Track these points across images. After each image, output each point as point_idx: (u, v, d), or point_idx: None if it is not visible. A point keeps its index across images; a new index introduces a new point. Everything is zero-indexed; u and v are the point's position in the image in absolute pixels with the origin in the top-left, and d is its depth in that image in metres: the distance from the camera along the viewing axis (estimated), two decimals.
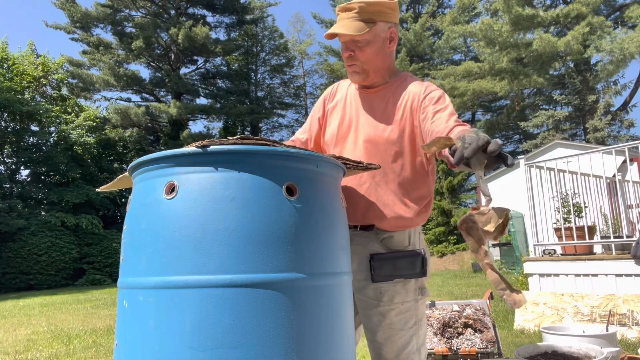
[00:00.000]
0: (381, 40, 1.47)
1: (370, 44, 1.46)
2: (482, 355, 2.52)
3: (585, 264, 4.59)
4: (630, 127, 18.95)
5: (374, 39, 1.45)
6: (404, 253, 1.45)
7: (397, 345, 1.45)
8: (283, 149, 1.02)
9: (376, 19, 1.44)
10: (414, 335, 1.47)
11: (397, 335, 1.45)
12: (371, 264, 1.43)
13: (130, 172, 1.13)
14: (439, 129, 1.33)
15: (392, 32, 1.49)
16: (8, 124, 17.72)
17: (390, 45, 1.50)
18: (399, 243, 1.47)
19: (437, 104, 1.41)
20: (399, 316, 1.45)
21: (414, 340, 1.47)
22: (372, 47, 1.46)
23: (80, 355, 4.38)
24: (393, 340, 1.45)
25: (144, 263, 0.98)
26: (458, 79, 20.29)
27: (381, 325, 1.45)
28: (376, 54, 1.47)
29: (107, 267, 16.92)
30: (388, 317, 1.44)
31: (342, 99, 1.61)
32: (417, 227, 1.53)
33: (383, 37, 1.47)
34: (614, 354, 2.16)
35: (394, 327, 1.45)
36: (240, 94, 27.02)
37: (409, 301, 1.46)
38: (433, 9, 26.41)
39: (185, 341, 0.91)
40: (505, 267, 12.89)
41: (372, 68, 1.49)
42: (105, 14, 23.08)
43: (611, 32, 16.89)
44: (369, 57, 1.47)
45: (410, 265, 1.44)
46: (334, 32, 1.44)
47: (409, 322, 1.46)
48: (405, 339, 1.45)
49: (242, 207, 0.96)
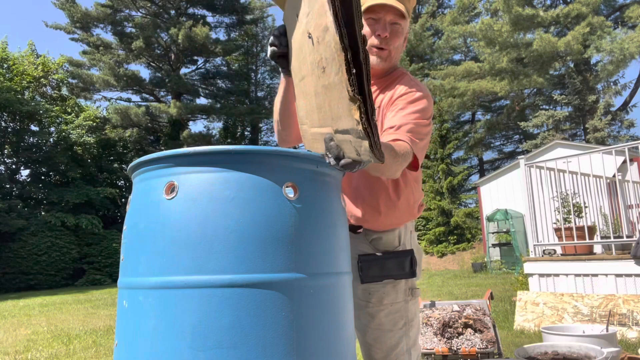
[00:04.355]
0: (406, 34, 1.50)
1: (400, 34, 1.45)
2: (482, 355, 2.52)
3: (585, 264, 4.59)
4: (630, 127, 18.95)
5: (404, 30, 1.47)
6: (393, 254, 1.44)
7: (386, 346, 1.45)
8: (283, 149, 1.02)
9: (406, 16, 1.45)
10: (403, 336, 1.46)
11: (386, 336, 1.45)
12: (359, 264, 1.42)
13: (130, 172, 1.13)
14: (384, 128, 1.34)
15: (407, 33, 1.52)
16: (8, 124, 17.72)
17: (404, 44, 1.51)
18: (389, 244, 1.46)
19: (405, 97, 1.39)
20: (388, 317, 1.45)
21: (404, 341, 1.46)
22: (401, 37, 1.46)
23: (80, 355, 4.38)
24: (382, 341, 1.45)
25: (144, 263, 0.99)
26: (458, 79, 20.29)
27: (370, 326, 1.45)
28: (400, 45, 1.48)
29: (107, 267, 16.93)
30: (377, 318, 1.45)
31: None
32: (407, 227, 1.51)
33: (407, 32, 1.50)
34: (614, 354, 2.16)
35: (383, 327, 1.45)
36: (240, 94, 27.02)
37: (398, 302, 1.45)
38: (433, 9, 26.41)
39: (185, 341, 0.91)
40: (505, 267, 12.91)
41: (394, 56, 1.48)
42: (105, 14, 23.08)
43: (611, 32, 16.89)
44: (397, 45, 1.46)
45: (399, 265, 1.43)
46: (388, 2, 1.38)
47: (398, 323, 1.46)
48: (394, 340, 1.45)
49: (242, 207, 0.96)
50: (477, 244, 16.37)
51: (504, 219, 13.24)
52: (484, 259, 13.97)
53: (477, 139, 23.89)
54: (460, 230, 17.07)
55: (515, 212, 13.01)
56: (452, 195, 17.62)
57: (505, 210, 13.12)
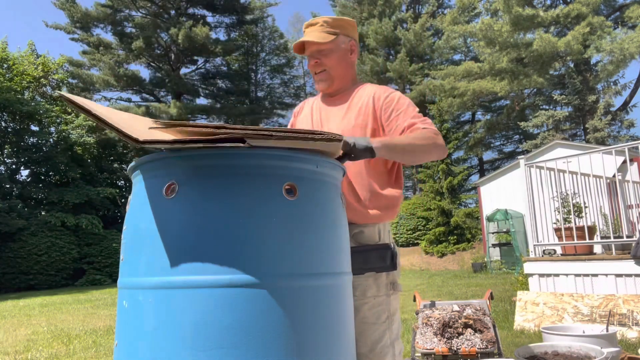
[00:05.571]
0: (343, 50, 1.65)
1: (333, 52, 1.63)
2: (482, 355, 2.52)
3: (585, 264, 4.59)
4: (630, 127, 18.96)
5: (336, 47, 1.63)
6: (374, 247, 1.53)
7: (370, 340, 1.51)
8: (283, 149, 1.02)
9: (338, 32, 1.63)
10: (387, 330, 1.53)
11: (370, 329, 1.51)
12: None
13: (130, 172, 1.13)
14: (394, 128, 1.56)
15: (352, 45, 1.68)
16: (8, 124, 17.71)
17: (351, 56, 1.68)
18: (370, 238, 1.55)
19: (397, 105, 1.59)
20: (372, 310, 1.52)
21: (387, 335, 1.53)
22: (335, 55, 1.64)
23: (80, 355, 4.38)
24: (366, 335, 1.51)
25: (144, 263, 0.99)
26: (458, 79, 20.29)
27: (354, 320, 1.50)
28: (339, 62, 1.65)
29: (107, 267, 16.91)
30: (361, 311, 1.51)
31: (308, 109, 1.78)
32: (386, 224, 1.61)
33: (344, 47, 1.65)
34: (614, 354, 2.16)
35: (367, 321, 1.51)
36: (240, 94, 27.03)
37: (380, 296, 1.53)
38: (433, 9, 26.42)
39: (185, 341, 0.91)
40: (505, 267, 12.90)
41: (336, 75, 1.65)
42: (105, 14, 23.09)
43: (611, 32, 16.90)
44: (333, 64, 1.64)
45: (380, 258, 1.51)
46: (302, 40, 1.63)
47: (381, 316, 1.53)
48: (378, 333, 1.52)
49: (242, 207, 0.96)
50: (477, 244, 16.37)
51: (504, 219, 13.24)
52: (484, 259, 13.97)
53: (477, 139, 23.90)
54: (460, 230, 17.07)
55: (515, 212, 13.01)
56: (452, 195, 17.61)
57: (505, 210, 13.12)
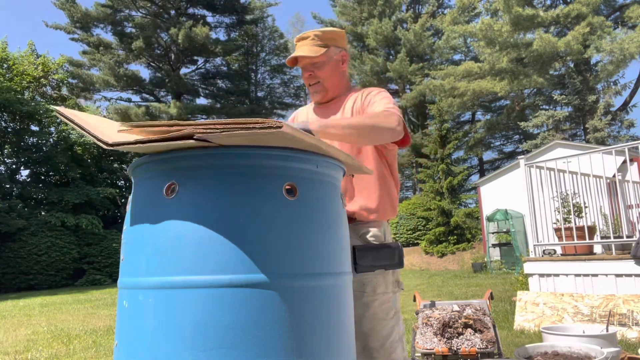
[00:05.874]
0: (335, 61, 1.72)
1: (325, 64, 1.70)
2: (482, 355, 2.52)
3: (585, 264, 4.59)
4: (630, 127, 18.96)
5: (328, 59, 1.70)
6: (384, 245, 1.58)
7: (381, 335, 1.55)
8: (283, 149, 1.02)
9: (329, 44, 1.70)
10: (395, 325, 1.59)
11: (381, 325, 1.56)
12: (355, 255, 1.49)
13: (131, 172, 1.13)
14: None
15: (344, 55, 1.75)
16: (8, 124, 17.71)
17: (342, 66, 1.76)
18: (376, 237, 1.62)
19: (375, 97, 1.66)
20: (381, 307, 1.57)
21: (396, 330, 1.59)
22: (327, 67, 1.71)
23: (80, 355, 4.38)
24: (377, 330, 1.55)
25: (144, 263, 0.98)
26: (458, 79, 20.29)
27: (365, 316, 1.55)
28: (331, 73, 1.72)
29: (107, 267, 16.91)
30: (371, 308, 1.56)
31: (304, 117, 1.85)
32: (387, 224, 1.70)
33: (336, 59, 1.73)
34: (614, 354, 2.16)
35: (377, 317, 1.56)
36: (240, 94, 27.03)
37: (388, 293, 1.60)
38: (433, 9, 26.41)
39: (186, 341, 0.90)
40: (505, 267, 12.90)
41: (330, 86, 1.73)
42: (105, 14, 23.09)
43: (611, 32, 16.90)
44: (326, 75, 1.71)
45: (391, 256, 1.55)
46: (295, 55, 1.69)
47: (389, 312, 1.59)
48: (388, 329, 1.57)
49: (242, 207, 0.96)
50: (477, 244, 16.36)
51: (504, 219, 13.23)
52: (484, 259, 13.96)
53: (477, 139, 23.90)
54: (460, 230, 17.06)
55: (515, 212, 13.00)
56: (452, 195, 17.59)
57: (505, 210, 13.11)
